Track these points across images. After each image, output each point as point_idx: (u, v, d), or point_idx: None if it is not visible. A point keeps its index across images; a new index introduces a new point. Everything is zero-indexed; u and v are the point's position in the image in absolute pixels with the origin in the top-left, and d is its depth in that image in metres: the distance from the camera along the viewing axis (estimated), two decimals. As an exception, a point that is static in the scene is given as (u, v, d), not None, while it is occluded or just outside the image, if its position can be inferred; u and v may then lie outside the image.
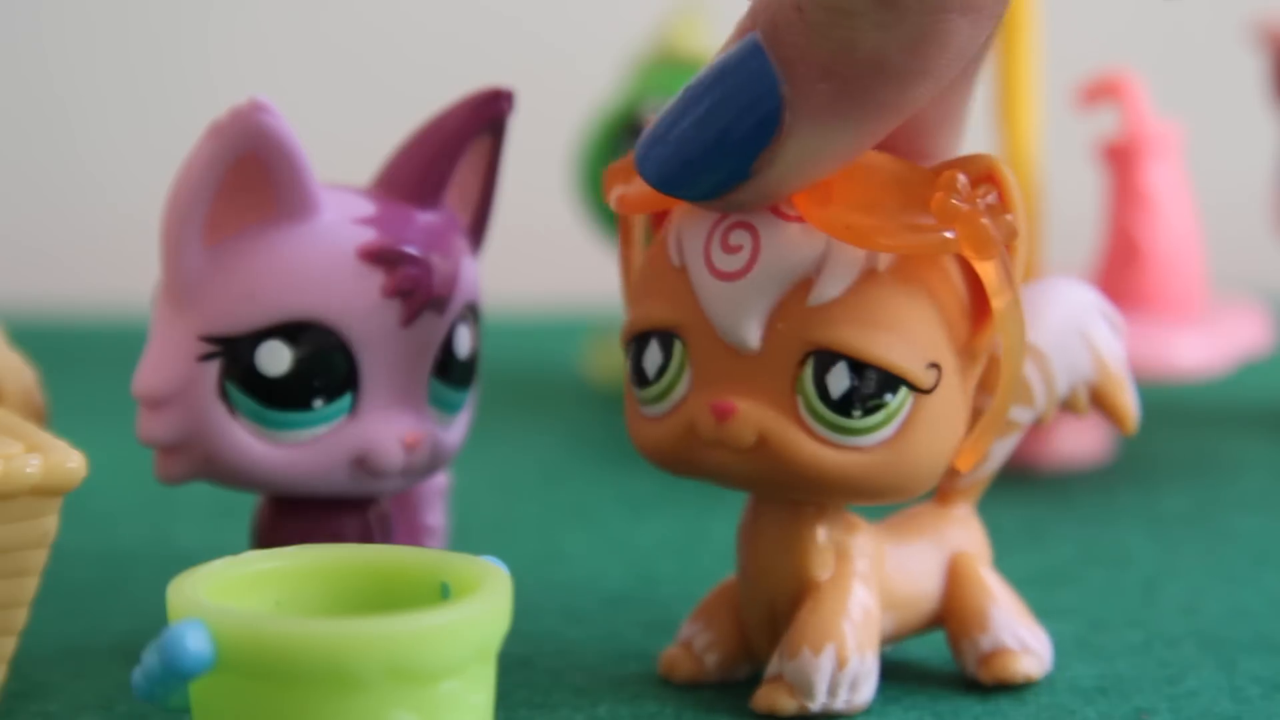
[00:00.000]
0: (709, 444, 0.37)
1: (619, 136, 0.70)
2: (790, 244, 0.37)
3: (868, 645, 0.39)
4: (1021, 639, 0.41)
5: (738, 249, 0.37)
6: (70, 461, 0.37)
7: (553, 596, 0.47)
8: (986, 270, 0.36)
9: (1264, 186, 0.80)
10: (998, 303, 0.37)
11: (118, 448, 0.48)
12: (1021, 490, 0.57)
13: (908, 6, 0.34)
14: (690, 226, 0.38)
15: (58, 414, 0.45)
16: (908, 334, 0.37)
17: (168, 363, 0.39)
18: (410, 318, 0.40)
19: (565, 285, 0.95)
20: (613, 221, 0.71)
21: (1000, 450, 0.41)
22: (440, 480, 0.45)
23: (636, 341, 0.38)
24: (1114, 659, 0.42)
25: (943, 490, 0.42)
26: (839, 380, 0.37)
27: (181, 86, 1.02)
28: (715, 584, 0.48)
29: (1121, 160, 0.62)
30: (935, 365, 0.37)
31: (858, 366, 0.36)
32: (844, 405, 0.37)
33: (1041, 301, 0.41)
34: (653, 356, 0.38)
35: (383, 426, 0.40)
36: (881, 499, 0.38)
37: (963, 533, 0.42)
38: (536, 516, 0.56)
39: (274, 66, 1.03)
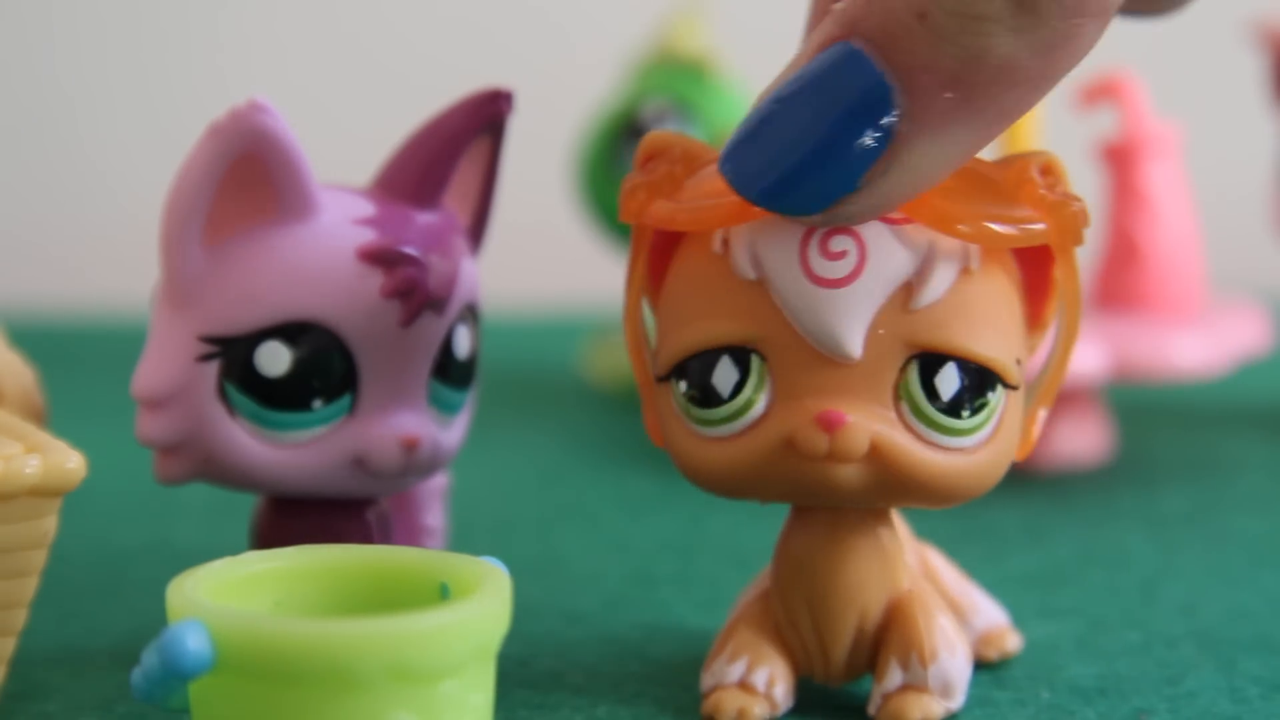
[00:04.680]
0: (815, 457, 0.36)
1: (619, 136, 0.70)
2: (896, 247, 0.36)
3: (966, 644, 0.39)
4: (1002, 617, 0.42)
5: (841, 255, 0.36)
6: (70, 461, 0.37)
7: (552, 596, 0.47)
8: (1069, 256, 0.37)
9: (1263, 186, 0.80)
10: (1073, 285, 0.37)
11: (117, 448, 0.48)
12: (1021, 490, 0.57)
13: (1048, 12, 0.33)
14: (772, 237, 0.36)
15: (57, 414, 0.45)
16: (1002, 330, 0.37)
17: (167, 363, 0.39)
18: (409, 318, 0.40)
19: (565, 285, 0.95)
20: (614, 221, 0.71)
21: None
22: (440, 480, 0.45)
23: (695, 361, 0.37)
24: (1114, 659, 0.42)
25: None
26: (949, 382, 0.36)
27: (183, 86, 1.02)
28: (713, 583, 0.48)
29: (1121, 160, 0.62)
30: (1019, 360, 0.37)
31: (965, 366, 0.36)
32: (955, 407, 0.36)
33: None
34: (725, 374, 0.37)
35: (382, 427, 0.40)
36: (969, 499, 0.38)
37: (904, 525, 0.41)
38: (536, 517, 0.56)
39: (275, 66, 1.03)
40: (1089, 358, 0.56)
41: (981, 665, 0.41)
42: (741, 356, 0.37)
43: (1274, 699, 0.40)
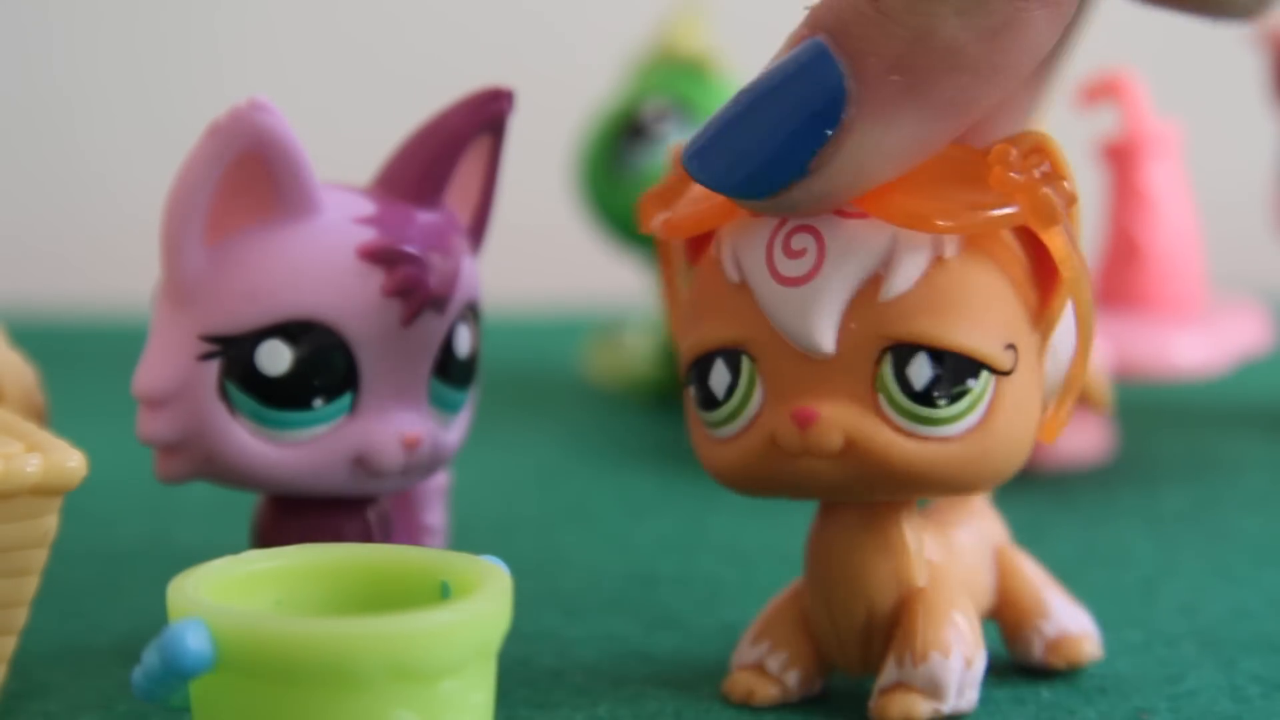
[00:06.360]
0: (795, 454, 0.37)
1: (619, 136, 0.70)
2: (856, 241, 0.36)
3: (980, 646, 0.39)
4: (1082, 624, 0.41)
5: (801, 253, 0.37)
6: (70, 461, 0.37)
7: (553, 596, 0.47)
8: (1054, 238, 0.36)
9: (1264, 186, 0.80)
10: (1066, 270, 0.37)
11: (118, 448, 0.48)
12: (1021, 490, 0.57)
13: None
14: (746, 238, 0.37)
15: (58, 414, 0.45)
16: (982, 317, 0.36)
17: (168, 362, 0.39)
18: (410, 317, 0.40)
19: (565, 285, 0.95)
20: (614, 221, 0.71)
21: None
22: (440, 480, 0.45)
23: (698, 366, 0.38)
24: (1114, 659, 0.42)
25: None
26: (920, 371, 0.36)
27: (183, 85, 1.02)
28: (713, 583, 0.48)
29: (1121, 160, 0.62)
30: (1012, 346, 0.37)
31: (938, 355, 0.36)
32: (927, 396, 0.36)
33: None
34: (720, 377, 0.37)
35: (382, 426, 0.40)
36: (974, 489, 0.38)
37: (994, 523, 0.42)
38: (536, 516, 0.56)
39: (276, 64, 1.03)
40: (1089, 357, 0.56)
41: (1052, 674, 0.41)
42: (733, 359, 0.37)
43: (1275, 698, 0.40)
